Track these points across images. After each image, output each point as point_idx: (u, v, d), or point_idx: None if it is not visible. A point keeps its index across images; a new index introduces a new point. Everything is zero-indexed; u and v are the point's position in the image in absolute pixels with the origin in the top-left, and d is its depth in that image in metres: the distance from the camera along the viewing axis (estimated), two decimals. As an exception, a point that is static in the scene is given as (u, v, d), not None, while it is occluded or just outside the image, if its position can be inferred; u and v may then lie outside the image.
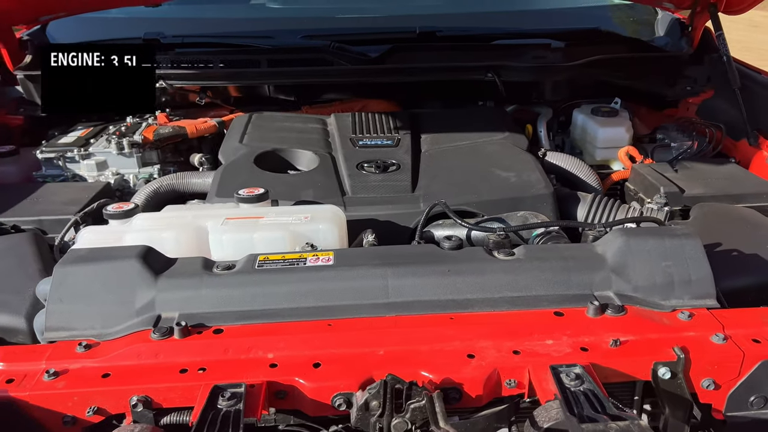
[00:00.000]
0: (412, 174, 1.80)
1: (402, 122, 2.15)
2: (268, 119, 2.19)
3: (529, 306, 1.21)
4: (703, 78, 2.49)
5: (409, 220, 1.66)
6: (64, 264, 1.22)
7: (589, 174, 1.99)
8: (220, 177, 1.77)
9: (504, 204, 1.67)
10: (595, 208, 1.74)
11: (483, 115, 2.23)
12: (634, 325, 1.16)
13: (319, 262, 1.27)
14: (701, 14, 2.45)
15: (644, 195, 1.93)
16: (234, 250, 1.36)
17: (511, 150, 1.93)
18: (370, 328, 1.17)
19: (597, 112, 2.31)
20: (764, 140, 2.13)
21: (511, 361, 1.10)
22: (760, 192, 1.87)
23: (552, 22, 2.83)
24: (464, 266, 1.25)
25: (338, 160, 1.91)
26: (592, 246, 1.31)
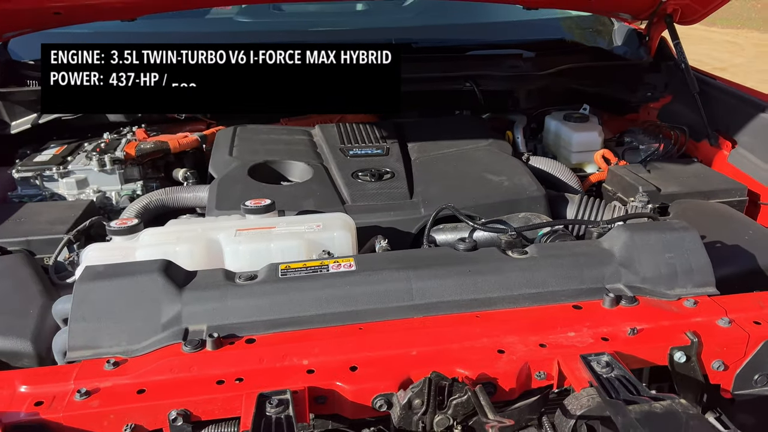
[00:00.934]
0: (407, 181, 1.84)
1: (387, 132, 2.19)
2: (253, 132, 2.19)
3: (548, 301, 1.27)
4: (661, 84, 2.65)
5: (411, 226, 1.70)
6: (84, 281, 1.19)
7: (570, 177, 2.08)
8: (217, 190, 1.76)
9: (501, 207, 1.73)
10: (583, 207, 1.82)
11: (464, 124, 2.30)
12: (647, 314, 1.23)
13: (341, 269, 1.28)
14: (657, 25, 2.61)
15: (623, 194, 2.03)
16: (251, 260, 1.36)
17: (498, 156, 2.00)
18: (400, 330, 1.19)
19: (569, 118, 2.42)
20: (723, 140, 2.29)
21: (539, 354, 1.15)
22: (728, 188, 2.00)
23: (516, 33, 2.94)
24: (484, 266, 1.30)
25: (331, 170, 1.93)
26: (599, 242, 1.38)
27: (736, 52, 10.59)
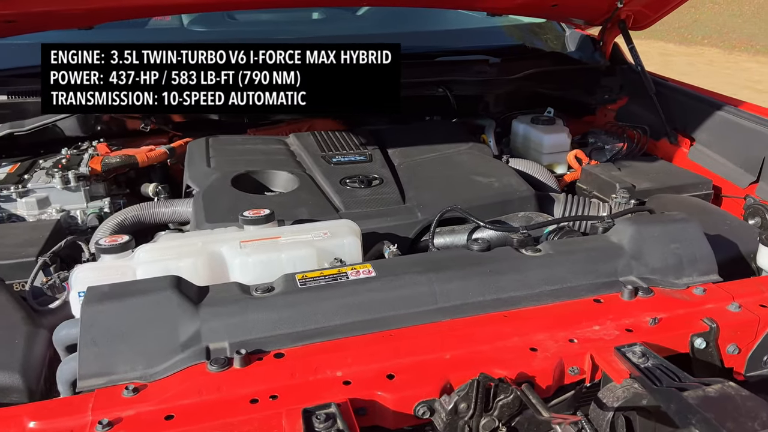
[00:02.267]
0: (397, 186, 1.82)
1: (366, 139, 2.16)
2: (227, 143, 2.11)
3: (568, 296, 1.28)
4: (617, 87, 2.76)
5: (408, 231, 1.68)
6: (91, 303, 1.10)
7: (548, 177, 2.13)
8: (203, 203, 1.67)
9: (494, 208, 1.74)
10: (569, 205, 1.86)
11: (440, 129, 2.31)
12: (664, 303, 1.26)
13: (361, 275, 1.25)
14: (611, 30, 2.72)
15: (599, 192, 2.10)
16: (261, 272, 1.30)
17: (481, 158, 2.01)
18: (430, 334, 1.17)
19: (537, 121, 2.47)
20: (682, 138, 2.40)
21: (571, 350, 1.15)
22: (695, 182, 2.11)
23: (474, 40, 2.99)
24: (503, 265, 1.29)
25: (316, 178, 1.88)
26: (607, 236, 1.41)
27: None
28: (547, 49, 2.90)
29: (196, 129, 2.36)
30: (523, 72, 2.50)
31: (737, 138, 2.21)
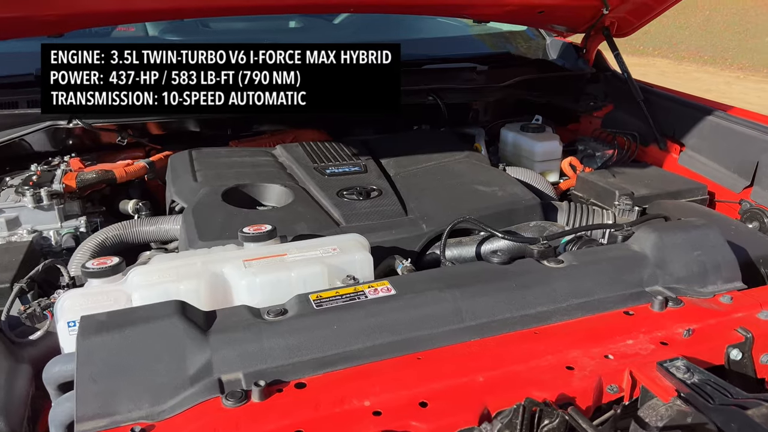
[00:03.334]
0: (397, 198, 1.74)
1: (356, 149, 2.08)
2: (212, 155, 2.00)
3: (597, 309, 1.21)
4: (601, 94, 2.75)
5: (413, 244, 1.60)
6: (87, 335, 0.98)
7: (546, 185, 2.08)
8: (194, 220, 1.56)
9: (500, 217, 1.67)
10: (574, 214, 1.81)
11: (432, 138, 2.24)
12: (695, 313, 1.21)
13: (380, 294, 1.16)
14: (595, 37, 2.71)
15: (596, 200, 2.06)
16: (270, 293, 1.20)
17: (480, 167, 1.95)
18: (460, 356, 1.09)
19: (527, 129, 2.43)
20: (672, 144, 2.40)
21: (609, 367, 1.09)
22: (690, 188, 2.09)
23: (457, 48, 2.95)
24: (528, 279, 1.22)
25: (310, 190, 1.79)
26: (628, 245, 1.35)
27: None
28: (532, 57, 2.87)
29: (176, 141, 2.24)
30: (510, 79, 2.46)
31: (728, 142, 2.20)
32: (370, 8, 2.29)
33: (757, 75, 11.51)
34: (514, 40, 3.18)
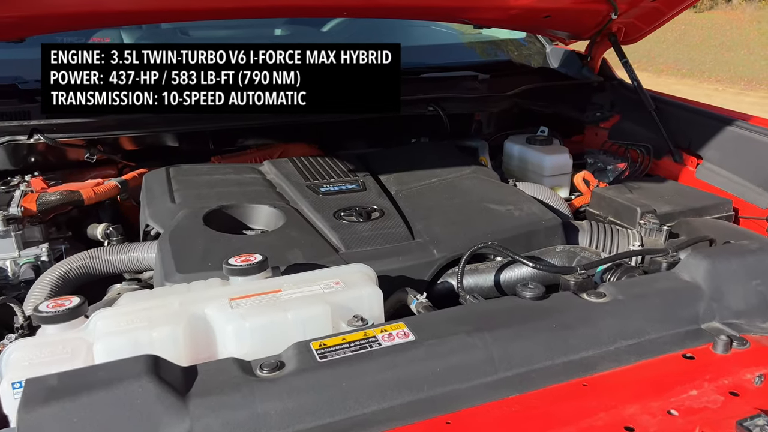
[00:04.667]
0: (401, 218, 1.55)
1: (352, 164, 1.89)
2: (191, 173, 1.79)
3: (651, 353, 1.03)
4: (608, 104, 2.59)
5: (422, 272, 1.41)
6: (32, 406, 0.77)
7: (561, 203, 1.90)
8: (171, 248, 1.35)
9: (518, 240, 1.49)
10: (596, 235, 1.64)
11: (434, 151, 2.06)
12: (764, 356, 1.03)
13: (396, 340, 0.96)
14: (600, 44, 2.56)
15: (615, 218, 1.89)
16: (262, 340, 1.00)
17: (490, 183, 1.77)
18: (499, 418, 0.89)
19: (533, 141, 2.27)
20: (687, 156, 2.24)
21: (674, 426, 0.90)
22: (715, 204, 1.92)
23: (451, 56, 2.79)
24: (568, 317, 1.03)
25: (304, 211, 1.59)
26: (677, 274, 1.17)
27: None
28: (535, 66, 2.71)
29: (152, 158, 2.03)
30: (514, 89, 2.29)
31: (751, 154, 2.05)
32: (364, 12, 2.12)
33: (735, 87, 11.63)
34: (507, 48, 3.03)
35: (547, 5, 2.18)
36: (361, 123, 2.19)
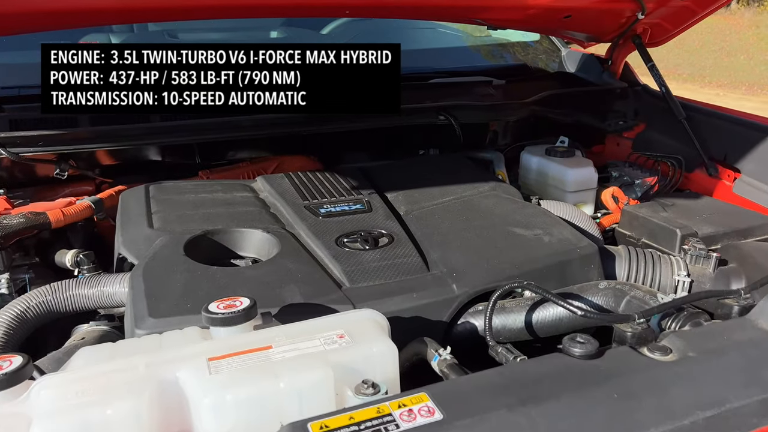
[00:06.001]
0: (414, 245, 1.35)
1: (355, 180, 1.69)
2: (173, 191, 1.59)
3: (737, 428, 0.82)
4: (631, 111, 2.40)
5: (440, 312, 1.20)
6: None
7: (590, 224, 1.70)
8: (144, 285, 1.15)
9: (551, 272, 1.29)
10: (635, 263, 1.43)
11: (446, 165, 1.85)
12: None
13: (418, 420, 0.75)
14: (623, 47, 2.37)
15: (649, 240, 1.68)
16: (246, 416, 0.79)
17: (512, 203, 1.57)
18: None
19: (553, 152, 2.06)
20: (723, 169, 2.04)
21: None
22: (762, 224, 1.72)
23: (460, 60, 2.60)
24: (631, 382, 0.83)
25: (301, 237, 1.39)
26: (753, 321, 0.97)
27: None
28: (550, 70, 2.51)
29: (132, 172, 1.83)
30: (532, 95, 2.09)
31: (798, 167, 1.86)
32: (369, 11, 1.92)
33: (736, 92, 11.50)
34: (518, 51, 2.83)
35: (568, 4, 1.98)
36: (365, 133, 1.99)
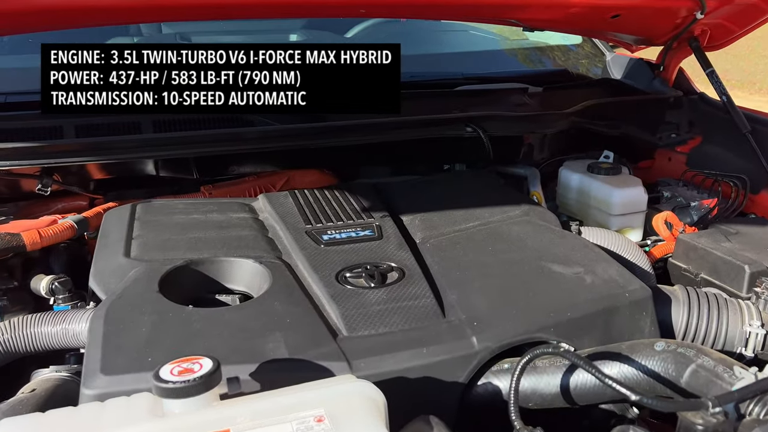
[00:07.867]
0: (428, 284, 1.13)
1: (367, 200, 1.49)
2: (162, 211, 1.41)
3: None
4: (684, 123, 2.14)
5: (457, 370, 0.99)
6: None
7: (639, 256, 1.46)
8: (103, 329, 0.97)
9: (594, 322, 1.06)
10: (696, 309, 1.19)
11: (473, 184, 1.64)
12: None
13: None
14: (677, 51, 2.12)
15: (710, 276, 1.44)
16: None
17: (549, 232, 1.34)
18: None
19: (596, 169, 1.82)
20: (797, 192, 1.77)
21: None
22: None
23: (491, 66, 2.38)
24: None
25: (298, 268, 1.20)
26: None
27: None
28: (594, 77, 2.27)
29: (127, 188, 1.68)
30: (573, 104, 1.86)
31: None
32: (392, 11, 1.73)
33: (788, 101, 10.93)
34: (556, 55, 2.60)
35: (617, 2, 1.75)
36: (384, 146, 1.79)
